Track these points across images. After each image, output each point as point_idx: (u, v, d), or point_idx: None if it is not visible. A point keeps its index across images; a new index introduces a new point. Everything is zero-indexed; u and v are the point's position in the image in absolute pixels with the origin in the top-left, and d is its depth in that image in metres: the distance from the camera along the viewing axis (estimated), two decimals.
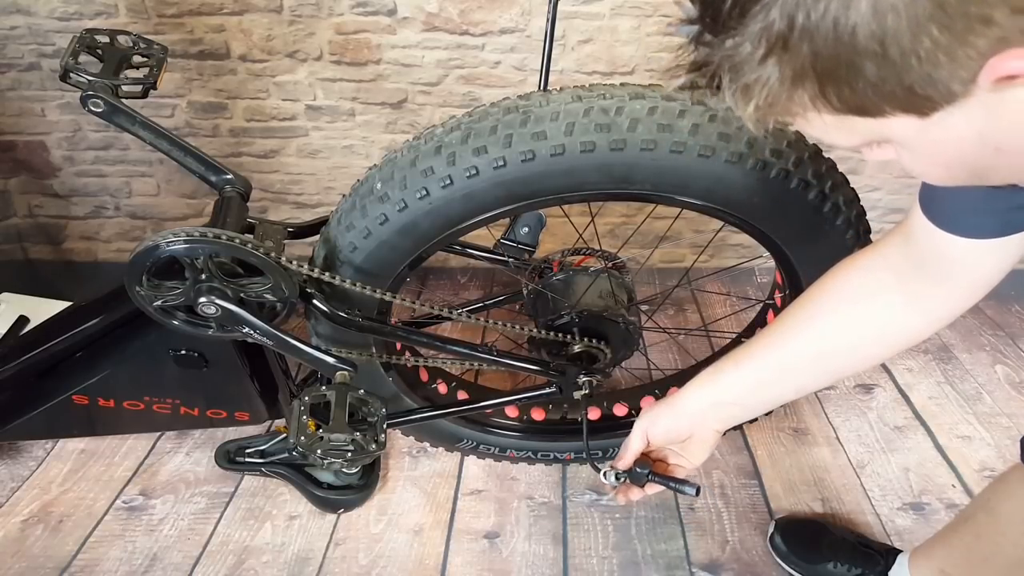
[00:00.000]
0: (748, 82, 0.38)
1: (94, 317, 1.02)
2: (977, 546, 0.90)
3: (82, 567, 1.12)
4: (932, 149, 0.41)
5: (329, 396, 0.89)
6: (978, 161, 0.41)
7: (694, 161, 0.81)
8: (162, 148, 0.95)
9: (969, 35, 0.33)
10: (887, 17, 0.33)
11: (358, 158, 1.63)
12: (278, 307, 0.89)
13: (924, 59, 0.34)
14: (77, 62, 0.92)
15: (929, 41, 0.33)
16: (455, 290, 1.84)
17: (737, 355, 0.78)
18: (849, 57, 0.35)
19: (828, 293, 0.73)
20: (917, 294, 0.67)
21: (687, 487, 0.81)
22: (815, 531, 1.15)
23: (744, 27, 0.37)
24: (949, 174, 0.45)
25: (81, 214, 1.75)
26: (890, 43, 0.34)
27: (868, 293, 0.70)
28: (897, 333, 0.71)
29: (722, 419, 0.80)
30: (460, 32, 1.43)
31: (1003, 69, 0.33)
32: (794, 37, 0.36)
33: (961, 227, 0.60)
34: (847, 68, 0.36)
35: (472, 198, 0.85)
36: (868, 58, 0.35)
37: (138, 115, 0.92)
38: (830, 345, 0.73)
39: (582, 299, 1.08)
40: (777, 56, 0.37)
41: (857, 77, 0.36)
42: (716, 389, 0.78)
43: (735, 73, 0.39)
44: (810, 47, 0.36)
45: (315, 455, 0.85)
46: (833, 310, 0.72)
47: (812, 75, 0.37)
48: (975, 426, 1.41)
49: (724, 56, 0.39)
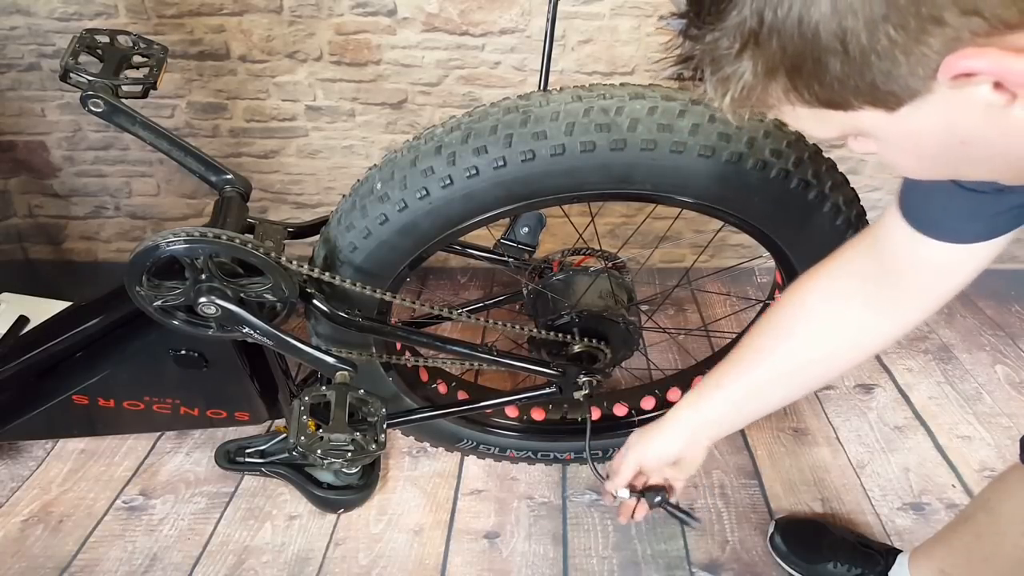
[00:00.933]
0: (725, 75, 0.40)
1: (94, 317, 1.02)
2: (977, 546, 0.90)
3: (82, 567, 1.12)
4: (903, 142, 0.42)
5: (329, 396, 0.89)
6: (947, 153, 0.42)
7: (694, 161, 0.81)
8: (162, 148, 0.95)
9: (923, 35, 0.34)
10: (847, 17, 0.34)
11: (358, 158, 1.63)
12: (278, 307, 0.89)
13: (883, 57, 0.35)
14: (77, 62, 0.92)
15: (886, 40, 0.34)
16: (455, 290, 1.84)
17: (718, 375, 0.80)
18: (814, 53, 0.36)
19: (796, 308, 0.74)
20: (886, 299, 0.68)
21: (693, 520, 0.89)
22: (815, 531, 1.15)
23: (722, 22, 0.38)
24: (921, 166, 0.46)
25: (81, 214, 1.75)
26: (850, 41, 0.35)
27: (836, 304, 0.71)
28: (870, 339, 0.72)
29: (710, 436, 0.83)
30: (460, 32, 1.43)
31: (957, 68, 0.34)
32: (764, 33, 0.37)
33: (943, 231, 0.60)
34: (813, 64, 0.37)
35: (472, 198, 0.85)
36: (831, 55, 0.36)
37: (138, 115, 0.92)
38: (805, 358, 0.75)
39: (582, 299, 1.08)
40: (750, 51, 0.38)
41: (824, 72, 0.37)
42: (702, 412, 0.81)
43: (714, 66, 0.40)
44: (778, 43, 0.37)
45: (315, 455, 0.85)
46: (804, 325, 0.74)
47: (782, 70, 0.38)
48: (975, 426, 1.41)
49: (705, 49, 0.40)
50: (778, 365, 0.76)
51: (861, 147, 0.45)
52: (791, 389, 0.79)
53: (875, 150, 0.45)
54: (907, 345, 1.64)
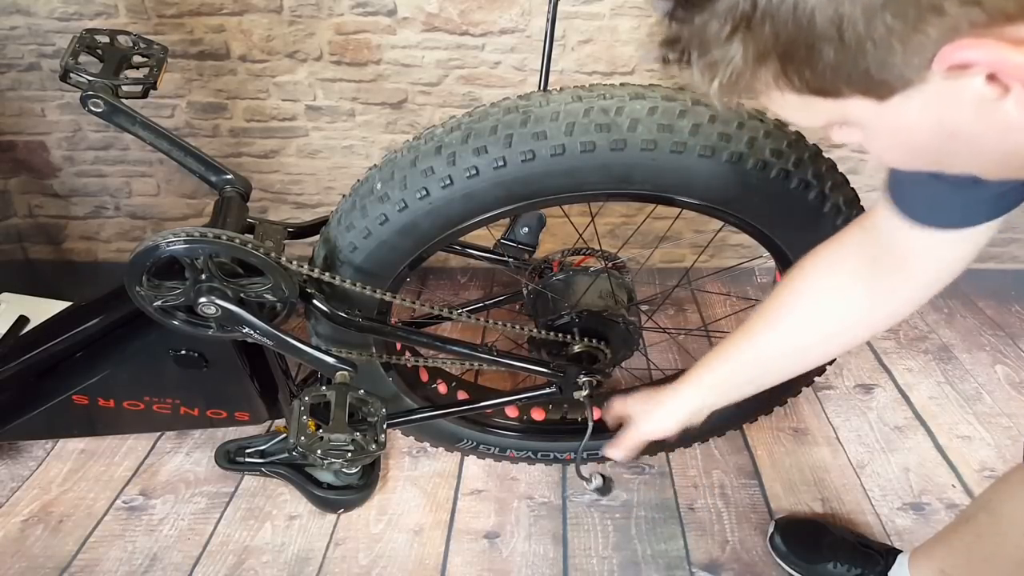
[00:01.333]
0: (713, 59, 0.39)
1: (94, 317, 1.03)
2: (978, 546, 0.90)
3: (82, 567, 1.12)
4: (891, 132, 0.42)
5: (329, 396, 0.89)
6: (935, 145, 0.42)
7: (695, 161, 0.81)
8: (162, 148, 0.95)
9: (921, 23, 0.34)
10: (844, 3, 0.34)
11: (358, 158, 1.63)
12: (278, 307, 0.89)
13: (879, 45, 0.35)
14: (77, 62, 0.92)
15: (883, 27, 0.34)
16: (455, 290, 1.84)
17: (717, 355, 0.82)
18: (808, 39, 0.36)
19: (794, 292, 0.75)
20: (879, 286, 0.68)
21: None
22: (815, 531, 1.15)
23: (712, 5, 0.38)
24: (907, 157, 0.46)
25: (81, 214, 1.75)
26: (846, 28, 0.35)
27: (831, 289, 0.72)
28: (863, 324, 0.73)
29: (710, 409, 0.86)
30: (460, 32, 1.43)
31: (954, 58, 0.34)
32: (757, 17, 0.36)
33: (931, 218, 0.60)
34: (806, 50, 0.37)
35: (472, 198, 0.85)
36: (826, 42, 0.36)
37: (138, 115, 0.92)
38: (801, 341, 0.76)
39: (582, 299, 1.08)
40: (741, 35, 0.38)
41: (817, 60, 0.37)
42: (702, 392, 0.83)
43: (702, 49, 0.40)
44: (772, 28, 0.36)
45: (315, 455, 0.85)
46: (801, 307, 0.74)
47: (774, 55, 0.38)
48: (975, 426, 1.41)
49: (693, 32, 0.40)
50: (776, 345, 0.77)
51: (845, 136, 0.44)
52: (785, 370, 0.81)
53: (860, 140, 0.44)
54: (907, 345, 1.64)
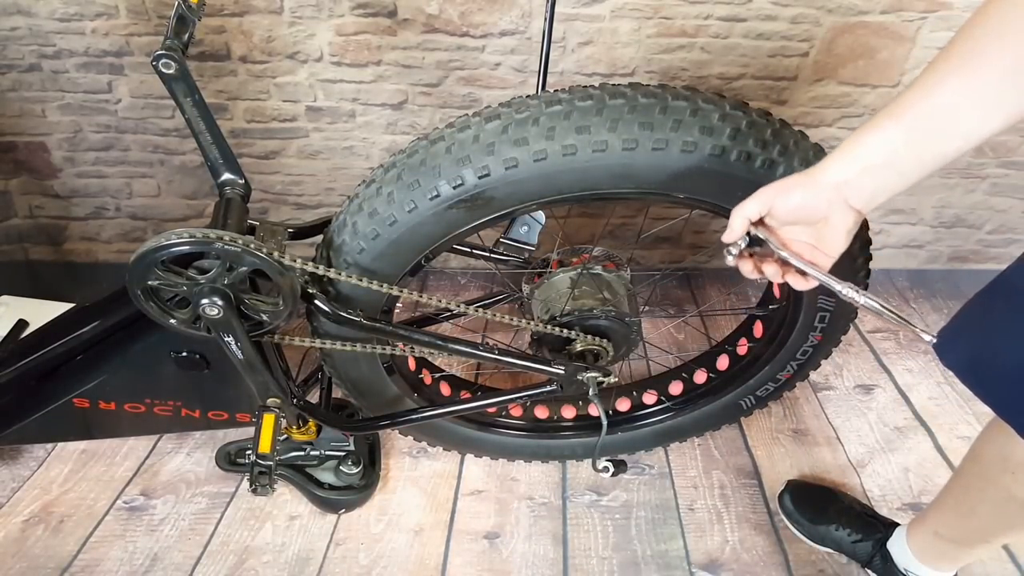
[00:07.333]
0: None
1: (95, 320, 1.03)
2: (965, 499, 0.92)
3: (83, 567, 1.12)
4: None
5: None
6: None
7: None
8: (197, 128, 0.91)
9: None
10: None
11: (358, 159, 1.63)
12: (280, 307, 0.89)
13: None
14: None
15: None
16: (455, 290, 1.84)
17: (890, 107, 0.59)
18: None
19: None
20: None
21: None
22: (824, 496, 1.18)
23: None
24: None
25: (82, 215, 1.75)
26: None
27: None
28: None
29: (868, 193, 0.61)
30: (460, 34, 1.43)
31: None
32: None
33: None
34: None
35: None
36: None
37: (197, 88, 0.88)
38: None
39: (581, 299, 1.08)
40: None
41: None
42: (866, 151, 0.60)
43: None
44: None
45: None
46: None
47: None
48: (975, 426, 1.41)
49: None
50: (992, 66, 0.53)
51: None
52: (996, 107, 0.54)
53: None
54: (907, 345, 1.64)
